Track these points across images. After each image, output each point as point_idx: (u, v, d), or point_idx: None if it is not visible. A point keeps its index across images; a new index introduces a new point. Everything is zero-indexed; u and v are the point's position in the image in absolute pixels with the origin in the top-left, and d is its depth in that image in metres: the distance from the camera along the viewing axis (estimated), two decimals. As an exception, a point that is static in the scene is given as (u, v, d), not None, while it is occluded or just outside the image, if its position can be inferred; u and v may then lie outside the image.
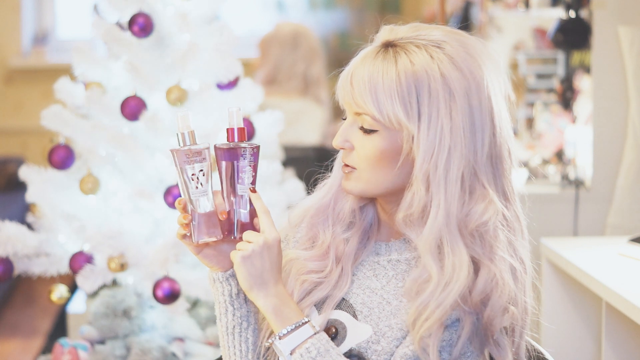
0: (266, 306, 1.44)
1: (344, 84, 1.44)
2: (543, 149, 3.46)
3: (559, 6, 3.44)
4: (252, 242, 1.44)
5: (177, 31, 2.53)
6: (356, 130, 1.45)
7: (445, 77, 1.40)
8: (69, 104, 2.57)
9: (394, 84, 1.39)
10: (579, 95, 3.43)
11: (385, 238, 1.53)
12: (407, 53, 1.41)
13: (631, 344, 2.29)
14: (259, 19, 5.72)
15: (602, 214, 3.13)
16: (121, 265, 2.43)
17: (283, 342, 1.42)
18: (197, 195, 1.44)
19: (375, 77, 1.40)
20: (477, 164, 1.41)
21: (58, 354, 2.53)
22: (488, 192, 1.41)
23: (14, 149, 5.56)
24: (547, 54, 3.73)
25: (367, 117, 1.42)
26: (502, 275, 1.40)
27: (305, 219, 1.56)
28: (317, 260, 1.52)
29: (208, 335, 2.63)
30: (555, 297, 2.64)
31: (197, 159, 1.43)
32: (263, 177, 2.62)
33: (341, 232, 1.52)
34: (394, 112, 1.40)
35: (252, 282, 1.44)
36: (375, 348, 1.44)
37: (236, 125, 1.45)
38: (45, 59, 5.60)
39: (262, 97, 2.66)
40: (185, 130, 1.44)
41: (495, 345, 1.42)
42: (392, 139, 1.42)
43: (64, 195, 2.52)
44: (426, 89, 1.39)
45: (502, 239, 1.42)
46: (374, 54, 1.43)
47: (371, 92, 1.40)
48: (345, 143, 1.45)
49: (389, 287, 1.48)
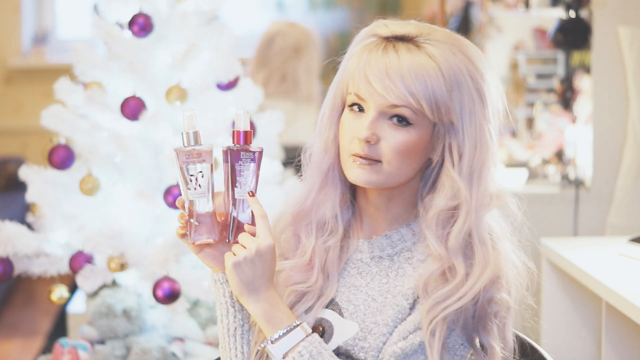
0: (257, 311, 1.44)
1: (375, 77, 1.42)
2: (543, 149, 3.46)
3: (559, 6, 3.44)
4: (246, 248, 1.44)
5: (177, 31, 2.53)
6: (383, 122, 1.43)
7: (472, 77, 1.43)
8: (69, 104, 2.56)
9: (439, 76, 1.41)
10: (579, 95, 3.43)
11: (367, 235, 1.53)
12: (436, 49, 1.42)
13: (631, 344, 2.29)
14: (259, 19, 5.72)
15: (602, 214, 3.14)
16: (121, 265, 2.43)
17: (275, 347, 1.42)
18: (195, 196, 1.43)
19: (420, 69, 1.40)
20: (496, 160, 1.47)
21: (58, 354, 2.53)
22: (495, 183, 1.46)
23: (14, 149, 5.56)
24: (547, 54, 3.73)
25: (406, 109, 1.42)
26: (504, 263, 1.43)
27: (285, 229, 1.55)
28: (302, 271, 1.52)
29: (208, 335, 2.63)
30: (555, 297, 2.64)
31: (198, 159, 1.43)
32: (263, 177, 2.61)
33: (323, 242, 1.52)
34: (444, 104, 1.41)
35: (243, 288, 1.44)
36: (362, 345, 1.44)
37: (242, 128, 1.45)
38: (45, 59, 5.60)
39: (262, 97, 2.65)
40: (190, 130, 1.44)
41: (485, 331, 1.43)
42: (423, 132, 1.43)
43: (64, 195, 2.51)
44: (464, 85, 1.42)
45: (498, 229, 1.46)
46: (403, 47, 1.42)
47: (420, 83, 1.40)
48: (373, 136, 1.44)
49: (373, 284, 1.48)
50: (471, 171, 1.43)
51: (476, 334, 1.43)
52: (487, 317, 1.42)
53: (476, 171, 1.43)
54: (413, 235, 1.49)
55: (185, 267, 2.52)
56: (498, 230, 1.46)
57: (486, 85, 1.45)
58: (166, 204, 2.43)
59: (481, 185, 1.43)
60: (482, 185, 1.43)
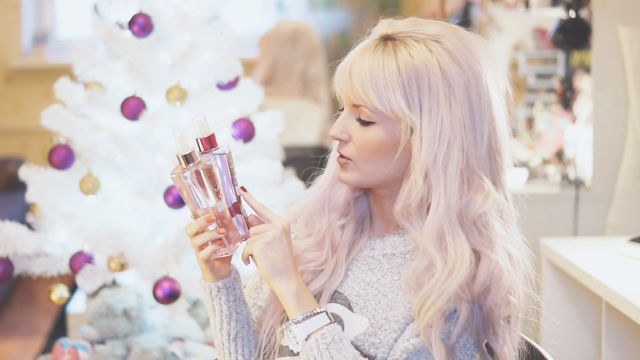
0: (289, 290, 1.43)
1: (343, 76, 1.45)
2: (543, 149, 3.46)
3: (559, 6, 3.44)
4: (268, 230, 1.43)
5: (177, 31, 2.53)
6: (353, 121, 1.45)
7: (445, 71, 1.41)
8: (69, 104, 2.57)
9: (395, 76, 1.41)
10: (579, 95, 3.43)
11: (379, 233, 1.53)
12: (407, 47, 1.42)
13: (631, 344, 2.29)
14: (259, 19, 5.72)
15: (602, 214, 3.13)
16: (121, 265, 2.43)
17: (300, 327, 1.41)
18: (221, 207, 1.43)
19: (376, 69, 1.41)
20: (476, 157, 1.43)
21: (58, 354, 2.53)
22: (485, 184, 1.43)
23: (14, 149, 5.56)
24: (547, 54, 3.73)
25: (365, 109, 1.43)
26: (502, 265, 1.41)
27: (302, 215, 1.56)
28: (314, 250, 1.52)
29: (208, 335, 2.63)
30: (555, 297, 2.64)
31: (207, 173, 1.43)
32: (263, 177, 2.62)
33: (336, 219, 1.53)
34: (396, 103, 1.41)
35: (277, 268, 1.43)
36: (373, 340, 1.44)
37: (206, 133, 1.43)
38: (45, 59, 5.60)
39: (262, 97, 2.65)
40: (186, 152, 1.42)
41: (494, 335, 1.42)
42: (389, 130, 1.43)
43: (64, 195, 2.51)
44: (426, 82, 1.41)
45: (499, 229, 1.44)
46: (373, 47, 1.44)
47: (372, 83, 1.41)
48: (342, 134, 1.46)
49: (384, 280, 1.48)
50: (430, 166, 1.41)
51: (485, 338, 1.42)
52: (496, 321, 1.42)
53: (438, 166, 1.41)
54: None
55: (185, 267, 2.52)
56: (498, 229, 1.44)
57: (466, 78, 1.42)
58: (166, 204, 2.43)
59: (448, 181, 1.41)
60: (450, 181, 1.41)
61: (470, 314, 1.39)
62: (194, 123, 1.43)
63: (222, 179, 1.44)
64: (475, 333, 1.41)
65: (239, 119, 2.53)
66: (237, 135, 2.51)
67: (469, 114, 1.42)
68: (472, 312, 1.40)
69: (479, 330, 1.41)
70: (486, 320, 1.41)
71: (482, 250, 1.41)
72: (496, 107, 1.45)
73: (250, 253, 1.44)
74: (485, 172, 1.44)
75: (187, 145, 1.42)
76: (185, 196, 1.43)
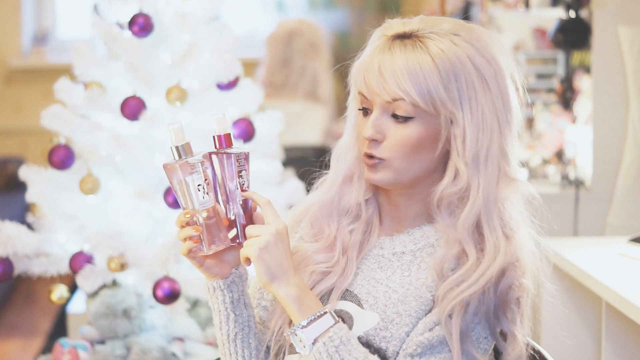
0: (289, 296, 1.42)
1: (371, 76, 1.44)
2: (543, 149, 3.46)
3: (559, 6, 3.44)
4: (262, 234, 1.42)
5: (177, 31, 2.53)
6: (387, 120, 1.45)
7: (475, 64, 1.43)
8: (69, 104, 2.57)
9: (432, 70, 1.41)
10: (579, 95, 3.43)
11: (388, 232, 1.54)
12: (434, 42, 1.43)
13: (631, 344, 2.29)
14: (259, 19, 5.72)
15: (602, 214, 3.13)
16: (121, 265, 2.43)
17: (306, 332, 1.41)
18: (204, 205, 1.42)
19: (413, 65, 1.41)
20: (507, 144, 1.46)
21: (58, 354, 2.53)
22: (512, 170, 1.47)
23: (14, 149, 5.56)
24: (547, 54, 3.73)
25: (403, 105, 1.43)
26: (520, 250, 1.44)
27: (307, 215, 1.56)
28: (324, 252, 1.52)
29: (208, 335, 2.63)
30: (555, 297, 2.63)
31: (200, 169, 1.43)
32: (263, 177, 2.62)
33: (347, 224, 1.53)
34: (437, 96, 1.42)
35: (274, 273, 1.42)
36: (384, 335, 1.44)
37: (223, 131, 1.44)
38: (45, 59, 5.60)
39: (262, 97, 2.66)
40: (180, 143, 1.43)
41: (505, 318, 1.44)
42: (428, 125, 1.44)
43: (64, 195, 2.52)
44: (462, 75, 1.42)
45: (517, 214, 1.47)
46: (398, 45, 1.44)
47: (411, 78, 1.41)
48: (377, 135, 1.45)
49: (394, 277, 1.48)
50: (475, 156, 1.43)
51: (498, 322, 1.44)
52: (508, 303, 1.43)
53: (481, 156, 1.43)
54: (436, 232, 1.49)
55: (185, 267, 2.52)
56: (517, 216, 1.47)
57: (493, 69, 1.45)
58: (166, 204, 2.44)
59: (488, 169, 1.44)
60: (490, 169, 1.44)
61: (481, 295, 1.41)
62: (213, 120, 1.43)
63: (214, 177, 1.44)
64: (485, 314, 1.42)
65: (239, 119, 2.53)
66: (237, 135, 2.51)
67: (502, 103, 1.45)
68: (483, 293, 1.41)
69: (489, 312, 1.42)
70: (499, 301, 1.42)
71: (509, 234, 1.44)
72: (512, 95, 1.49)
73: (247, 256, 1.44)
74: (513, 159, 1.48)
75: (181, 137, 1.43)
76: (175, 188, 1.43)
